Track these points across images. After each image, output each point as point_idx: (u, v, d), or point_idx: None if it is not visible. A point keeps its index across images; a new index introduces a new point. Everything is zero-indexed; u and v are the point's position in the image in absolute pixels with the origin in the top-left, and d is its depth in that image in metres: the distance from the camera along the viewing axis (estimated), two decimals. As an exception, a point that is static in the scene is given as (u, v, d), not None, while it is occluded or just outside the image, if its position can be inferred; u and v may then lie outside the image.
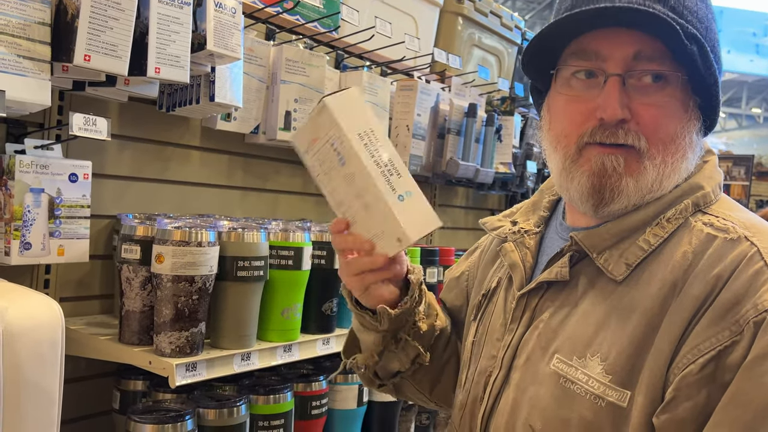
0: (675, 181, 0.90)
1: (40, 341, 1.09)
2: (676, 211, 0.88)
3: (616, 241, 0.89)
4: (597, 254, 0.89)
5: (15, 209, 1.39)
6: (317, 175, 0.98)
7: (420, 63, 2.48)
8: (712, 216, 0.87)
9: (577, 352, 0.86)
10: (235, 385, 1.68)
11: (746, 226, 0.85)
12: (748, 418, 0.72)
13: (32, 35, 1.27)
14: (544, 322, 0.92)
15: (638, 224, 0.89)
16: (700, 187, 0.90)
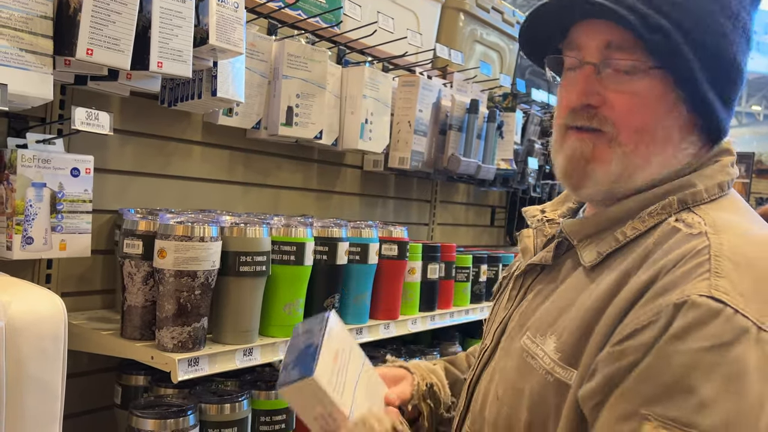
0: (651, 174, 0.91)
1: (42, 336, 1.09)
2: (659, 206, 0.88)
3: (598, 232, 0.92)
4: (578, 242, 0.94)
5: (17, 204, 1.39)
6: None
7: (422, 59, 2.47)
8: (694, 214, 0.86)
9: (541, 331, 0.91)
10: (237, 381, 1.68)
11: (716, 225, 0.82)
12: (647, 393, 0.73)
13: (34, 29, 1.27)
14: (528, 302, 0.99)
15: (621, 217, 0.91)
16: (691, 185, 0.88)
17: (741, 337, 0.71)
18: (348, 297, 1.85)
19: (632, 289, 0.81)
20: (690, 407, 0.70)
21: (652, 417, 0.72)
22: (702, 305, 0.73)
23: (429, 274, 2.19)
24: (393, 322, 2.00)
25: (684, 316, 0.74)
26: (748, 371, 0.70)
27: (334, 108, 2.12)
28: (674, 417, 0.71)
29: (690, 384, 0.71)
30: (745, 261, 0.77)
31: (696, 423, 0.70)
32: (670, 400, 0.72)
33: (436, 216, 3.00)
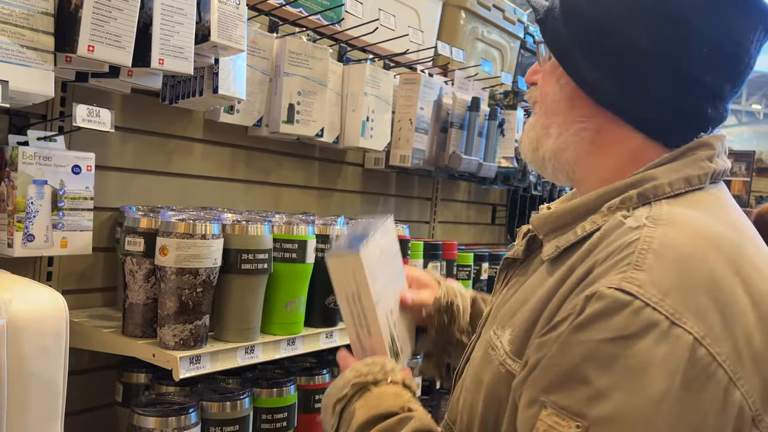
0: (552, 148, 0.95)
1: (44, 333, 1.08)
2: (619, 200, 0.86)
3: (562, 226, 0.92)
4: (543, 236, 0.95)
5: (18, 201, 1.38)
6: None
7: (423, 56, 2.47)
8: (648, 208, 0.83)
9: (502, 323, 0.92)
10: (239, 378, 1.68)
11: (660, 218, 0.79)
12: (546, 381, 0.74)
13: (36, 25, 1.26)
14: (503, 294, 1.01)
15: (584, 211, 0.90)
16: (652, 179, 0.85)
17: (647, 331, 0.69)
18: (349, 295, 1.85)
19: (570, 283, 0.80)
20: (582, 397, 0.70)
21: (548, 404, 0.73)
22: (608, 297, 0.72)
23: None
24: (394, 320, 2.00)
25: (590, 308, 0.73)
26: (649, 366, 0.68)
27: (336, 106, 2.12)
28: (566, 405, 0.71)
29: (585, 374, 0.70)
30: (675, 255, 0.74)
31: (585, 413, 0.69)
32: (565, 389, 0.72)
33: (437, 214, 3.00)
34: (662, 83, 0.86)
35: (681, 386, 0.68)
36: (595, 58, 0.89)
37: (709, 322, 0.71)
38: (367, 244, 1.07)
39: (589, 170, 0.94)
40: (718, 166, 0.88)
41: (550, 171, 0.99)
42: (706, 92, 0.87)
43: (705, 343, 0.70)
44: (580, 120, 0.93)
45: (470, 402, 0.93)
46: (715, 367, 0.69)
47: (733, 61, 0.87)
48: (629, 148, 0.91)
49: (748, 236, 0.83)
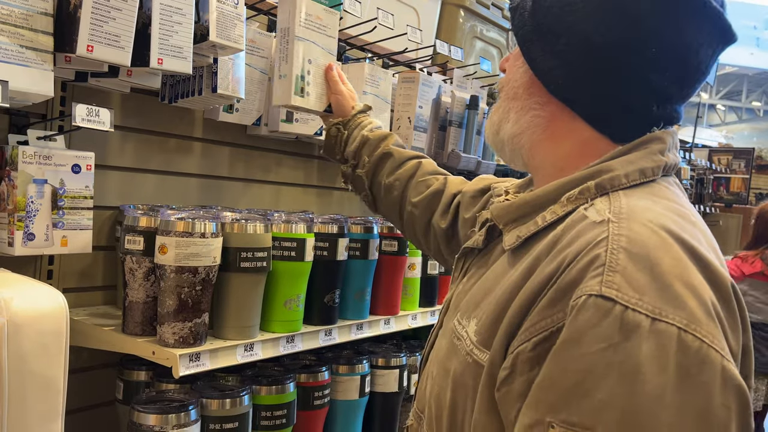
0: (510, 132, 0.99)
1: (44, 332, 1.09)
2: (578, 191, 0.88)
3: (522, 216, 0.94)
4: (503, 226, 0.96)
5: (18, 200, 1.39)
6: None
7: (422, 55, 2.48)
8: (608, 200, 0.84)
9: (467, 314, 0.94)
10: (238, 376, 1.69)
11: (622, 212, 0.81)
12: (552, 400, 0.74)
13: (35, 25, 1.27)
14: (463, 284, 1.03)
15: (543, 201, 0.92)
16: (609, 170, 0.87)
17: (632, 334, 0.71)
18: (348, 292, 1.86)
19: (538, 280, 0.81)
20: (589, 410, 0.71)
21: (555, 423, 0.73)
22: (591, 306, 0.73)
23: (429, 269, 2.20)
24: (393, 317, 2.01)
25: (575, 320, 0.74)
26: (641, 366, 0.70)
27: (334, 104, 2.12)
28: (575, 422, 0.71)
29: (587, 387, 0.71)
30: (644, 252, 0.75)
31: (594, 425, 0.70)
32: (570, 405, 0.72)
33: (436, 212, 3.00)
34: (609, 78, 0.89)
35: (677, 376, 0.69)
36: (551, 48, 0.92)
37: (689, 308, 0.72)
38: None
39: (544, 157, 0.98)
40: (669, 159, 0.91)
41: (508, 154, 1.02)
42: (651, 91, 0.90)
43: (690, 329, 0.71)
44: (535, 107, 0.96)
45: (438, 391, 0.95)
46: (706, 349, 0.71)
47: (683, 65, 0.89)
48: (580, 138, 0.94)
49: (699, 225, 0.85)
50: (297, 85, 1.55)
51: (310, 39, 1.59)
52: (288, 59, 1.55)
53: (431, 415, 0.96)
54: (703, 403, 0.70)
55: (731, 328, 0.76)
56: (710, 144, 8.85)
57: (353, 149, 1.56)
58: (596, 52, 0.88)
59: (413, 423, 1.04)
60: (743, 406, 0.72)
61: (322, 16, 1.62)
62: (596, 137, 0.93)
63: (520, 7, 0.97)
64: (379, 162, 1.53)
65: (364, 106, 1.62)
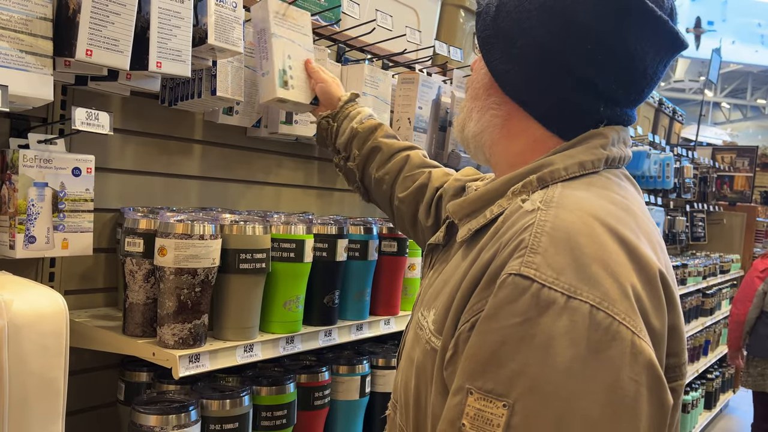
0: (473, 130, 1.05)
1: (44, 333, 1.10)
2: (521, 185, 0.93)
3: (474, 210, 0.99)
4: (459, 221, 1.03)
5: (19, 203, 1.41)
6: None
7: (421, 56, 2.48)
8: (544, 191, 0.90)
9: (428, 305, 1.00)
10: (239, 377, 1.70)
11: (552, 201, 0.86)
12: (469, 370, 0.80)
13: (34, 30, 1.28)
14: (428, 278, 1.10)
15: (492, 196, 0.97)
16: (550, 164, 0.93)
17: (547, 309, 0.76)
18: (348, 293, 1.87)
19: (479, 266, 0.87)
20: (503, 378, 0.76)
21: (473, 390, 0.79)
22: (510, 284, 0.79)
23: (429, 270, 2.20)
24: (393, 317, 2.02)
25: (495, 296, 0.80)
26: (553, 340, 0.75)
27: (334, 106, 2.13)
28: (490, 389, 0.77)
29: (501, 358, 0.77)
30: (565, 235, 0.81)
31: (507, 392, 0.76)
32: (486, 374, 0.78)
33: (438, 212, 3.01)
34: (557, 81, 0.94)
35: (588, 350, 0.75)
36: (507, 51, 0.98)
37: (604, 288, 0.77)
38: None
39: (501, 155, 1.04)
40: (612, 153, 0.96)
41: (472, 150, 1.09)
42: (598, 95, 0.94)
43: (602, 307, 0.76)
44: (493, 107, 1.02)
45: (405, 380, 1.01)
46: (617, 326, 0.76)
47: (629, 71, 0.93)
48: (532, 137, 0.99)
49: (632, 212, 0.89)
50: (281, 78, 1.63)
51: (286, 36, 1.67)
52: (269, 56, 1.63)
53: (401, 403, 1.02)
54: (611, 376, 0.74)
55: (654, 308, 0.81)
56: (715, 142, 8.82)
57: (343, 141, 1.61)
58: (545, 55, 0.94)
59: (390, 413, 1.10)
60: (654, 380, 0.77)
61: (294, 16, 1.71)
62: (547, 136, 0.98)
63: (484, 12, 1.03)
64: (369, 155, 1.59)
65: (351, 94, 1.66)
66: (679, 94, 20.62)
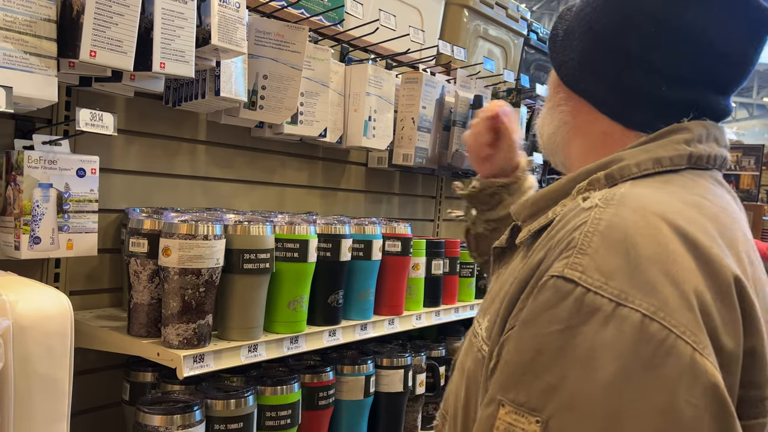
0: (547, 132, 1.02)
1: (49, 333, 1.11)
2: (587, 183, 0.85)
3: (537, 211, 0.91)
4: (522, 222, 0.94)
5: (24, 204, 1.41)
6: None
7: (425, 55, 2.48)
8: (609, 189, 0.82)
9: (484, 311, 0.94)
10: (243, 377, 1.70)
11: (614, 198, 0.77)
12: (502, 379, 0.74)
13: (38, 32, 1.29)
14: (491, 283, 1.05)
15: (556, 195, 0.89)
16: (620, 160, 0.85)
17: (590, 318, 0.68)
18: (352, 293, 1.87)
19: (527, 269, 0.80)
20: (537, 392, 0.69)
21: (505, 402, 0.72)
22: (551, 287, 0.72)
23: (433, 269, 2.20)
24: (397, 317, 2.02)
25: (535, 300, 0.73)
26: (596, 352, 0.67)
27: (338, 106, 2.13)
28: (523, 401, 0.70)
29: (536, 369, 0.70)
30: (621, 235, 0.72)
31: (542, 407, 0.68)
32: (520, 385, 0.71)
33: (442, 212, 3.01)
34: (613, 64, 0.90)
35: (636, 366, 0.66)
36: (567, 44, 0.97)
37: (661, 296, 0.68)
38: None
39: (575, 156, 0.98)
40: (697, 150, 0.86)
41: (550, 156, 1.04)
42: (655, 72, 0.87)
43: (657, 317, 0.67)
44: (561, 103, 0.99)
45: (455, 390, 0.95)
46: (674, 340, 0.67)
47: (706, 54, 0.86)
48: (601, 131, 0.94)
49: (716, 218, 0.79)
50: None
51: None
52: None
53: (451, 413, 0.96)
54: (665, 398, 0.65)
55: (726, 323, 0.70)
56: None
57: (502, 215, 1.41)
58: (599, 38, 0.91)
59: (438, 424, 1.04)
60: (719, 407, 0.67)
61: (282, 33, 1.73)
62: (618, 129, 0.92)
63: (561, 19, 1.03)
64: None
65: (528, 161, 1.45)
66: (685, 92, 20.51)
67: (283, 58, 1.81)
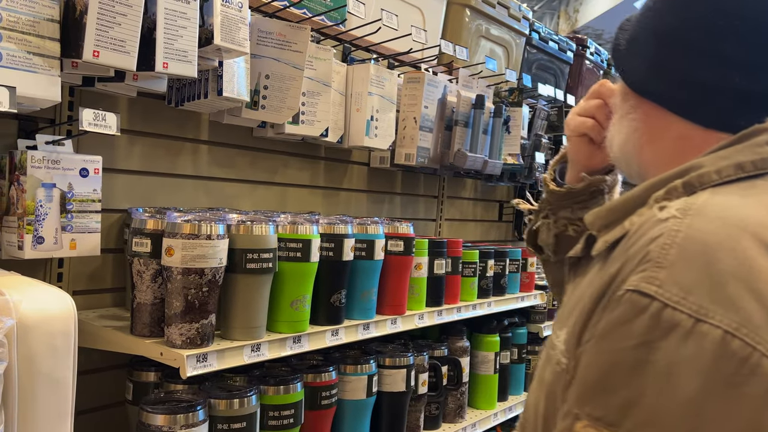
0: (618, 142, 0.98)
1: (53, 333, 1.11)
2: (664, 191, 0.81)
3: (614, 221, 0.87)
4: (597, 232, 0.90)
5: (27, 204, 1.41)
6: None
7: (427, 55, 2.48)
8: (687, 198, 0.78)
9: (561, 323, 0.91)
10: (246, 376, 1.70)
11: (692, 208, 0.75)
12: (579, 393, 0.73)
13: (42, 32, 1.29)
14: (567, 294, 1.00)
15: (632, 204, 0.86)
16: (699, 166, 0.81)
17: (669, 334, 0.66)
18: (354, 293, 1.87)
19: (602, 281, 0.78)
20: (614, 407, 0.68)
21: (582, 416, 0.71)
22: (626, 302, 0.70)
23: (436, 269, 2.20)
24: (400, 317, 2.02)
25: (610, 314, 0.72)
26: (675, 368, 0.65)
27: (340, 105, 2.13)
28: (600, 416, 0.69)
29: (614, 384, 0.69)
30: (700, 247, 0.70)
31: (619, 422, 0.68)
32: (596, 400, 0.70)
33: (444, 211, 3.01)
34: (676, 58, 0.87)
35: (718, 384, 0.64)
36: (630, 50, 0.94)
37: (744, 312, 0.66)
38: None
39: (650, 164, 0.93)
40: None
41: (623, 167, 1.01)
42: (725, 62, 0.84)
43: (740, 334, 0.65)
44: (630, 111, 0.95)
45: (534, 401, 0.93)
46: (758, 358, 0.65)
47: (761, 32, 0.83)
48: (676, 134, 0.89)
49: None
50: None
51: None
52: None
53: (531, 424, 0.95)
54: (750, 419, 0.64)
55: None
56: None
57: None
58: (661, 37, 0.89)
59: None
60: None
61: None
62: (694, 131, 0.88)
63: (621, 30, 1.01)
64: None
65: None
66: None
67: (285, 58, 1.81)
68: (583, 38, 3.69)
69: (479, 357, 2.58)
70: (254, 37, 1.75)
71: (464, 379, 2.42)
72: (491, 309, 2.50)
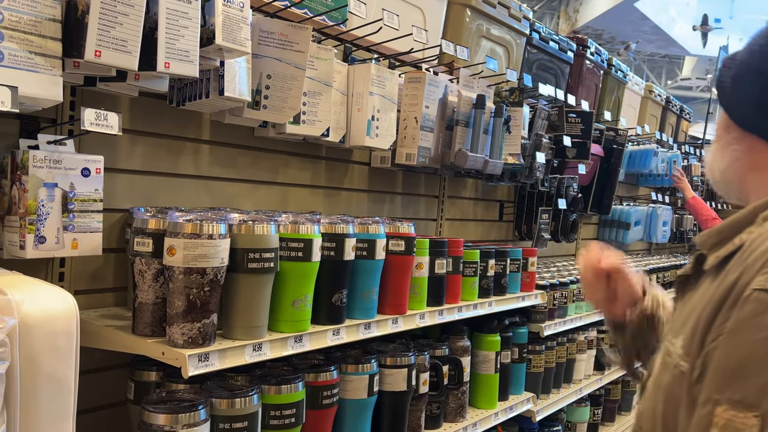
0: (718, 168, 1.09)
1: (55, 333, 1.11)
2: None
3: (722, 239, 0.99)
4: (707, 251, 1.02)
5: (29, 204, 1.41)
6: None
7: (428, 55, 2.48)
8: None
9: (676, 332, 1.02)
10: (248, 376, 1.70)
11: None
12: (717, 381, 0.84)
13: (43, 32, 1.29)
14: (677, 309, 1.12)
15: (740, 224, 0.98)
16: None
17: None
18: (356, 292, 1.87)
19: (722, 288, 0.89)
20: (752, 390, 0.79)
21: (722, 401, 0.82)
22: (755, 300, 0.82)
23: (436, 269, 2.20)
24: (401, 316, 2.02)
25: (740, 311, 0.83)
26: None
27: (341, 105, 2.14)
28: (740, 399, 0.80)
29: (751, 370, 0.80)
30: None
31: (759, 403, 0.78)
32: (734, 385, 0.81)
33: (445, 211, 3.01)
34: None
35: None
36: (737, 89, 1.04)
37: None
38: None
39: (752, 190, 1.05)
40: None
41: (723, 190, 1.12)
42: None
43: None
44: (733, 143, 1.06)
45: (652, 406, 1.03)
46: None
47: None
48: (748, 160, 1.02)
49: None
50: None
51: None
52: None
53: (647, 428, 1.05)
54: None
55: None
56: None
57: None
58: (761, 78, 0.99)
59: None
60: None
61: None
62: None
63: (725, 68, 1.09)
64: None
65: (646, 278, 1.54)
66: (687, 92, 20.51)
67: (286, 58, 1.81)
68: (584, 38, 3.70)
69: (480, 356, 2.59)
70: (255, 37, 1.75)
71: (465, 379, 2.42)
72: (492, 308, 2.50)
